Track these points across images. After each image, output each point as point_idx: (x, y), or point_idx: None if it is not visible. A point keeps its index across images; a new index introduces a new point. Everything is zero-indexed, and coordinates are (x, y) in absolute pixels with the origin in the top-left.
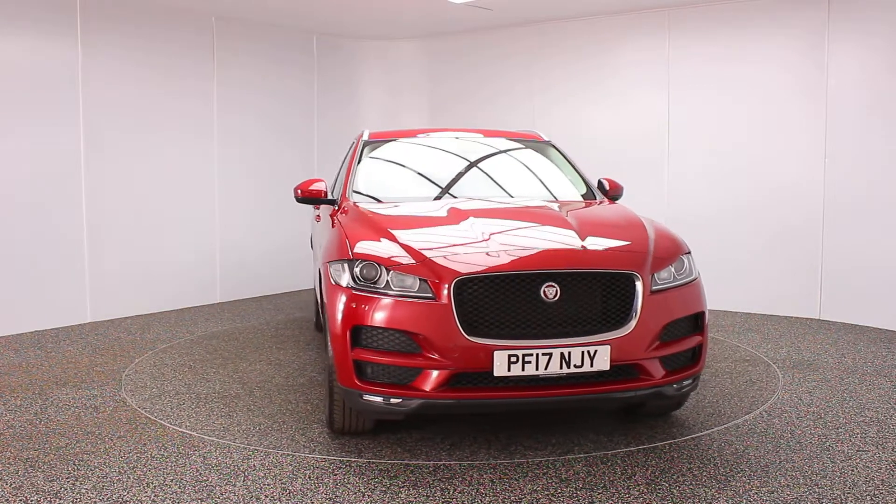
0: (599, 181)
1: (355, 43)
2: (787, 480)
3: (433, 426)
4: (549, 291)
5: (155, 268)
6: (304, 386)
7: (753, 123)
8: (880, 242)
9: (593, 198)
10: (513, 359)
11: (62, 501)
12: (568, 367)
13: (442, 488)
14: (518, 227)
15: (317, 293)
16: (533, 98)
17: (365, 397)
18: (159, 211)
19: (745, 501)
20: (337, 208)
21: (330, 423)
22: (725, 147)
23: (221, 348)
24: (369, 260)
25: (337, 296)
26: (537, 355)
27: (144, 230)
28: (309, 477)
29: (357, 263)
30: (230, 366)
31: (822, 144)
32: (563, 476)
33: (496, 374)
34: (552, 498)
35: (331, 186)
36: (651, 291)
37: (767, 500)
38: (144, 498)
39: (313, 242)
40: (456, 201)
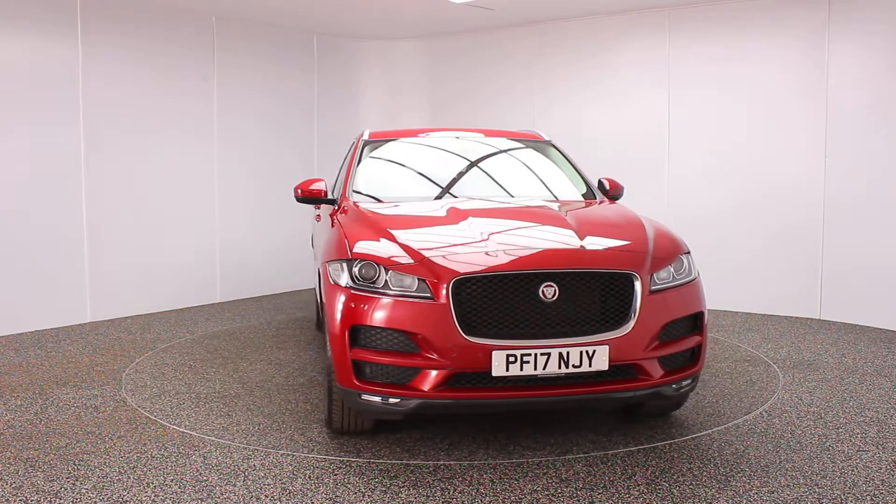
0: (599, 181)
1: (355, 43)
2: (788, 480)
3: (432, 426)
4: (548, 291)
5: (155, 268)
6: (305, 386)
7: (753, 123)
8: (880, 242)
9: (593, 198)
10: (511, 359)
11: (62, 501)
12: (566, 367)
13: (442, 488)
14: (517, 227)
15: (317, 293)
16: (533, 98)
17: (363, 397)
18: (159, 211)
19: (746, 501)
20: (337, 208)
21: (329, 423)
22: (725, 147)
23: (222, 348)
24: (368, 260)
25: (336, 295)
26: (535, 355)
27: (144, 230)
28: (309, 477)
29: (356, 263)
30: (230, 365)
31: (822, 144)
32: (564, 476)
33: (494, 374)
34: (552, 498)
35: (331, 186)
36: (650, 291)
37: (767, 500)
38: (144, 498)
39: (314, 242)
40: (455, 201)
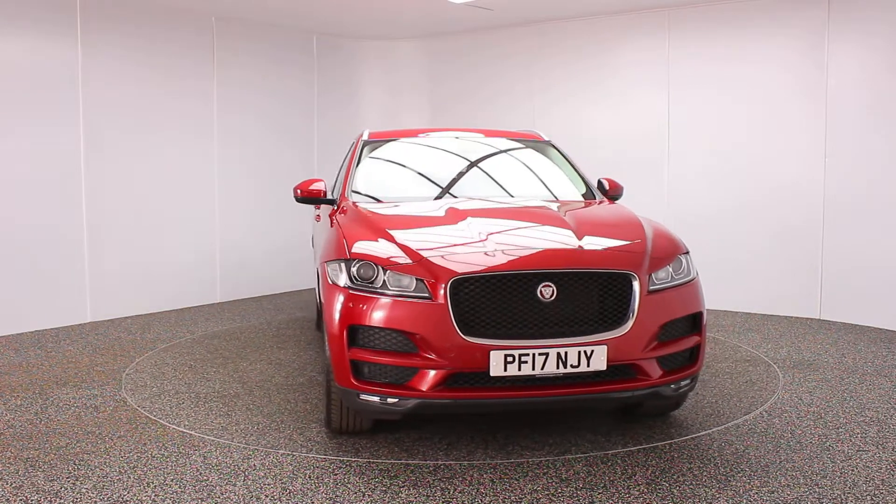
0: (599, 181)
1: (355, 43)
2: (788, 480)
3: (430, 426)
4: (546, 291)
5: (155, 268)
6: (304, 385)
7: (753, 123)
8: (880, 242)
9: (593, 198)
10: (509, 359)
11: (62, 501)
12: (564, 367)
13: (442, 488)
14: (515, 227)
15: (317, 293)
16: (533, 98)
17: (362, 397)
18: (159, 211)
19: (746, 501)
20: (336, 208)
21: (328, 423)
22: (725, 147)
23: (221, 348)
24: (366, 260)
25: (334, 295)
26: (534, 355)
27: (144, 230)
28: (309, 477)
29: (354, 263)
30: (230, 365)
31: (822, 144)
32: (564, 476)
33: (492, 374)
34: (552, 498)
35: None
36: (648, 291)
37: (767, 500)
38: (144, 498)
39: (314, 242)
40: (454, 201)
